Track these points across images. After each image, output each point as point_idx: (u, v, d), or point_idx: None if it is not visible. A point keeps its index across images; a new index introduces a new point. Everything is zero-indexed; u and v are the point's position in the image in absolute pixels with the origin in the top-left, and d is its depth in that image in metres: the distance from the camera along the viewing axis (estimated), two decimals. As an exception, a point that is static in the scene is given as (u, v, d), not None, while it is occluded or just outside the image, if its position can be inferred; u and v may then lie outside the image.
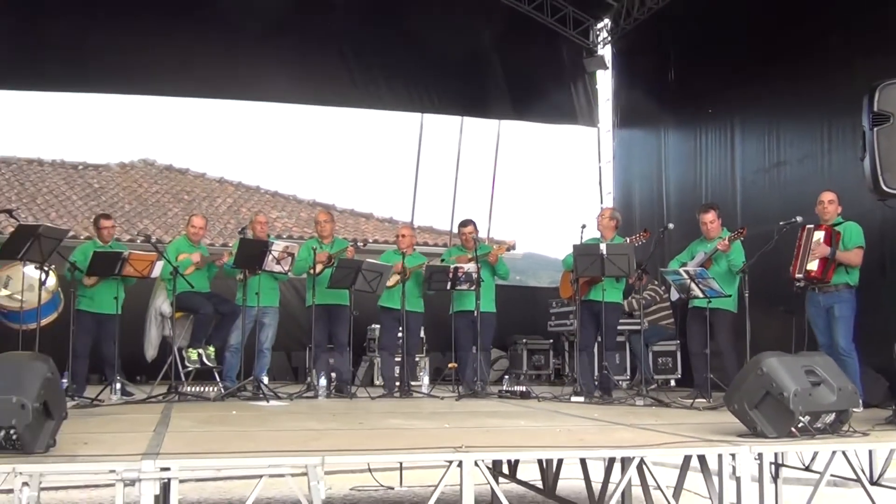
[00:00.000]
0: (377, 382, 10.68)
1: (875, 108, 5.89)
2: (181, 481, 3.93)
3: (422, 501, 4.30)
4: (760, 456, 4.55)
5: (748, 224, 8.83)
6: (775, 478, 6.76)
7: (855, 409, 5.11)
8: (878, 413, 6.03)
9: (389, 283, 9.05)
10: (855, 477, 5.06)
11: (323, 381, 8.71)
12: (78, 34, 12.03)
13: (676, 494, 5.15)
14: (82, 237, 13.79)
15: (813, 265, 7.29)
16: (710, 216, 8.41)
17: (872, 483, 6.37)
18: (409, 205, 16.17)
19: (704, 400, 7.67)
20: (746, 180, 10.74)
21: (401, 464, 8.67)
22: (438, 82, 14.02)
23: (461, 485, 4.13)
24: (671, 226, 8.75)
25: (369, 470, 8.88)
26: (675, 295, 9.13)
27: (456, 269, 8.88)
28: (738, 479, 4.43)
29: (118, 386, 8.14)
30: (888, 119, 5.87)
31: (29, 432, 3.86)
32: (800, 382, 4.75)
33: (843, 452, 4.90)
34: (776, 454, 6.24)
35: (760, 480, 4.57)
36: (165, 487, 3.90)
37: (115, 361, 8.48)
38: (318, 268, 8.79)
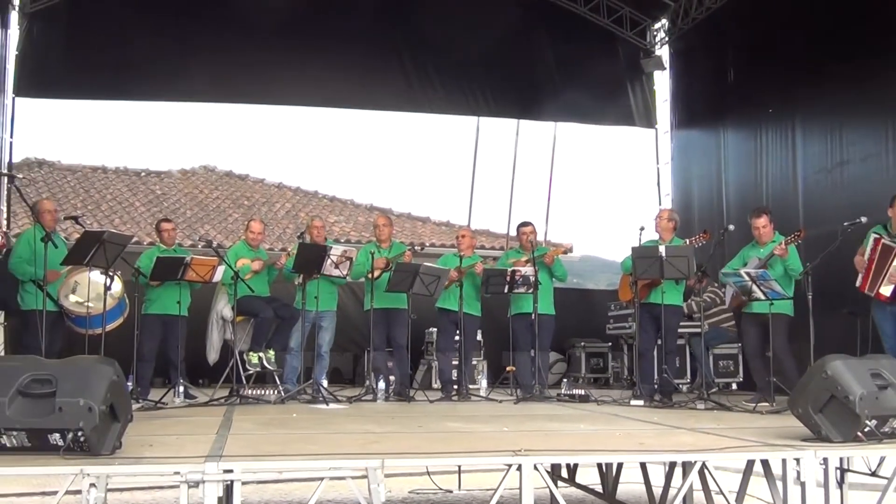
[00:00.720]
0: (435, 385, 10.69)
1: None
2: (243, 483, 3.98)
3: (481, 505, 4.29)
4: (826, 461, 4.48)
5: (810, 225, 8.69)
6: (841, 483, 6.61)
7: (924, 414, 5.00)
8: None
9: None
10: (925, 483, 4.93)
11: (381, 385, 8.74)
12: (141, 46, 12.40)
13: (739, 500, 5.08)
14: (145, 242, 13.99)
15: (887, 290, 7.07)
16: (762, 221, 8.29)
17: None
18: (465, 208, 16.21)
19: (767, 404, 7.56)
20: (808, 180, 10.56)
21: (459, 467, 8.67)
22: (494, 85, 14.03)
23: (520, 489, 4.12)
24: (731, 227, 8.64)
25: (428, 473, 8.90)
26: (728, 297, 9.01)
27: (513, 272, 8.85)
28: (802, 485, 4.35)
29: (181, 389, 8.28)
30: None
31: (96, 434, 3.93)
32: (866, 386, 4.67)
33: (913, 458, 4.79)
34: (842, 459, 6.10)
35: (826, 486, 4.49)
36: (228, 489, 3.93)
37: (179, 364, 8.60)
38: (376, 272, 8.84)
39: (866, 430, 4.63)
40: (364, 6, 12.93)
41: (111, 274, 7.83)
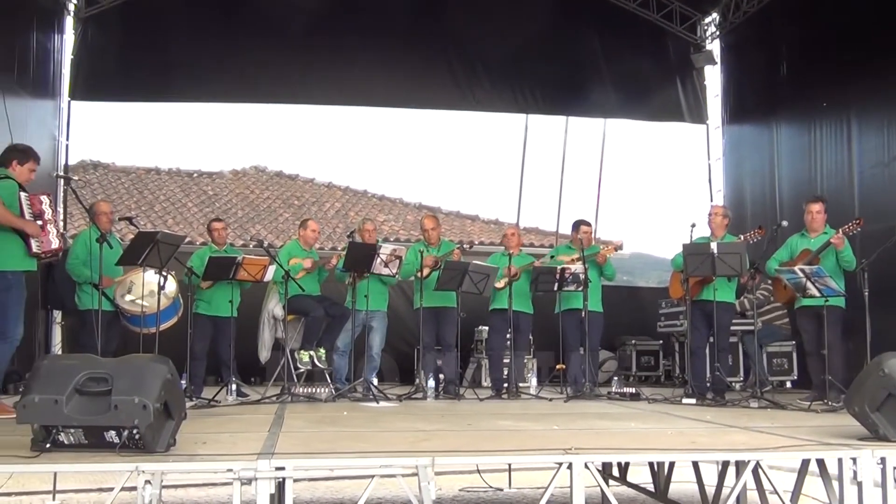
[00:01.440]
0: (485, 384, 10.70)
1: None
2: (295, 480, 4.00)
3: (532, 503, 4.28)
4: (883, 460, 4.39)
5: (867, 221, 8.52)
6: (899, 483, 6.50)
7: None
8: None
9: (498, 284, 9.07)
10: None
11: (431, 383, 8.78)
12: (192, 48, 12.68)
13: (794, 500, 5.02)
14: (198, 242, 14.17)
15: None
16: (817, 206, 8.24)
17: None
18: (514, 206, 16.12)
19: (822, 402, 7.44)
20: (864, 175, 10.37)
21: (510, 465, 8.65)
22: (543, 82, 13.97)
23: (571, 487, 4.10)
24: (785, 223, 8.51)
25: (478, 471, 8.90)
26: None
27: (563, 269, 8.82)
28: (859, 485, 4.27)
29: (234, 387, 8.36)
30: None
31: (150, 432, 3.99)
32: (925, 384, 4.58)
33: (973, 458, 4.67)
34: (900, 459, 6.01)
35: (884, 486, 4.41)
36: (280, 486, 3.97)
37: (231, 363, 8.70)
38: (426, 271, 8.86)
39: (925, 429, 4.55)
40: (408, 4, 12.96)
41: (165, 274, 7.94)
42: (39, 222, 6.51)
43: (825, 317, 7.67)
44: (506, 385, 9.23)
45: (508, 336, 9.39)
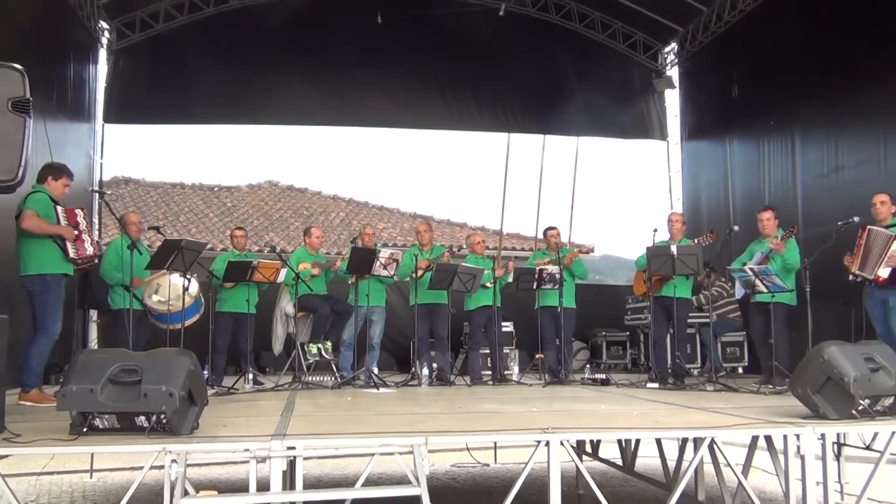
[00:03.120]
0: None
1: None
2: (304, 458, 4.01)
3: (514, 477, 4.27)
4: (823, 436, 4.42)
5: (808, 225, 8.58)
6: (837, 456, 6.52)
7: (913, 393, 4.92)
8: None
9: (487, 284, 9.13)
10: (914, 456, 4.85)
11: (425, 371, 8.76)
12: (212, 77, 12.75)
13: (745, 471, 5.03)
14: (219, 249, 14.16)
15: (885, 272, 6.98)
16: (767, 214, 8.29)
17: (931, 461, 6.14)
18: (498, 214, 16.15)
19: (770, 385, 7.47)
20: (807, 185, 10.44)
21: (495, 443, 8.67)
22: (523, 105, 14.04)
23: (549, 462, 4.11)
24: (736, 228, 8.56)
25: (467, 449, 8.90)
26: (739, 292, 8.94)
27: (541, 270, 8.86)
28: (802, 458, 4.29)
29: (251, 376, 8.35)
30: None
31: (176, 417, 3.98)
32: (859, 369, 4.61)
33: (902, 433, 4.70)
34: (838, 434, 6.03)
35: (823, 459, 4.44)
36: (292, 464, 3.96)
37: (249, 355, 8.69)
38: (420, 272, 8.86)
39: (860, 408, 4.57)
40: (405, 38, 13.00)
41: (189, 276, 7.92)
42: (75, 232, 6.51)
43: (772, 311, 7.73)
44: (491, 373, 9.26)
45: (485, 331, 9.41)
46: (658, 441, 6.37)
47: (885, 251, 7.00)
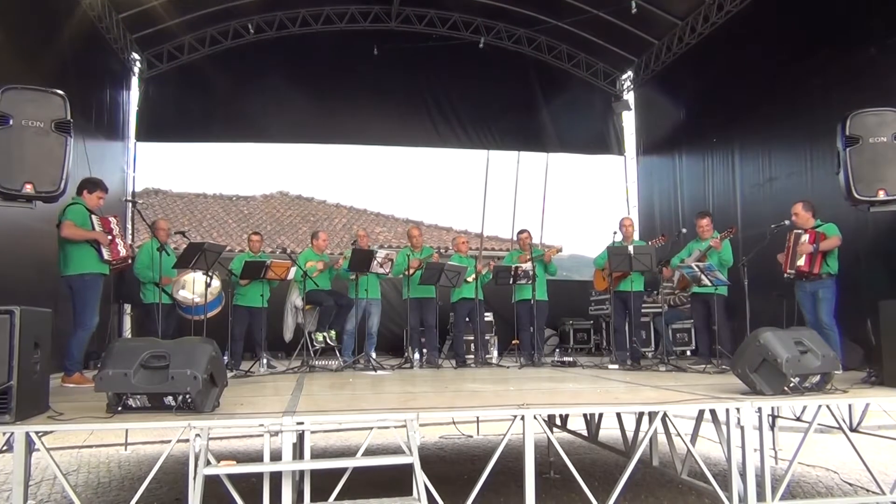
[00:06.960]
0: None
1: (847, 133, 5.80)
2: (312, 432, 4.01)
3: (494, 447, 4.28)
4: (760, 410, 4.44)
5: (746, 228, 8.60)
6: (772, 427, 6.58)
7: (836, 372, 4.95)
8: (855, 375, 5.82)
9: (469, 278, 9.11)
10: (837, 425, 4.88)
11: (417, 356, 8.76)
12: (232, 101, 12.75)
13: (693, 440, 5.06)
14: (236, 250, 14.09)
15: (801, 261, 7.06)
16: (704, 221, 8.33)
17: (852, 430, 6.22)
18: (479, 219, 16.16)
19: (712, 365, 7.50)
20: (745, 193, 10.48)
21: (477, 418, 8.67)
22: (499, 125, 14.03)
23: (524, 433, 4.12)
24: (684, 230, 8.58)
25: (453, 423, 8.91)
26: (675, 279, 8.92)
27: (517, 267, 8.86)
28: (742, 428, 4.32)
29: (265, 361, 8.31)
30: (857, 141, 5.76)
31: (200, 397, 3.98)
32: (790, 351, 4.64)
33: (827, 406, 4.73)
34: (773, 408, 6.08)
35: (760, 429, 4.46)
36: (301, 437, 3.95)
37: (263, 342, 8.65)
38: (412, 270, 8.86)
39: (791, 385, 4.60)
40: (397, 67, 13.02)
41: (211, 274, 7.89)
42: (109, 237, 6.49)
43: (714, 301, 7.78)
44: (473, 357, 9.25)
45: (469, 320, 9.42)
46: (618, 415, 6.40)
47: (796, 245, 7.10)
